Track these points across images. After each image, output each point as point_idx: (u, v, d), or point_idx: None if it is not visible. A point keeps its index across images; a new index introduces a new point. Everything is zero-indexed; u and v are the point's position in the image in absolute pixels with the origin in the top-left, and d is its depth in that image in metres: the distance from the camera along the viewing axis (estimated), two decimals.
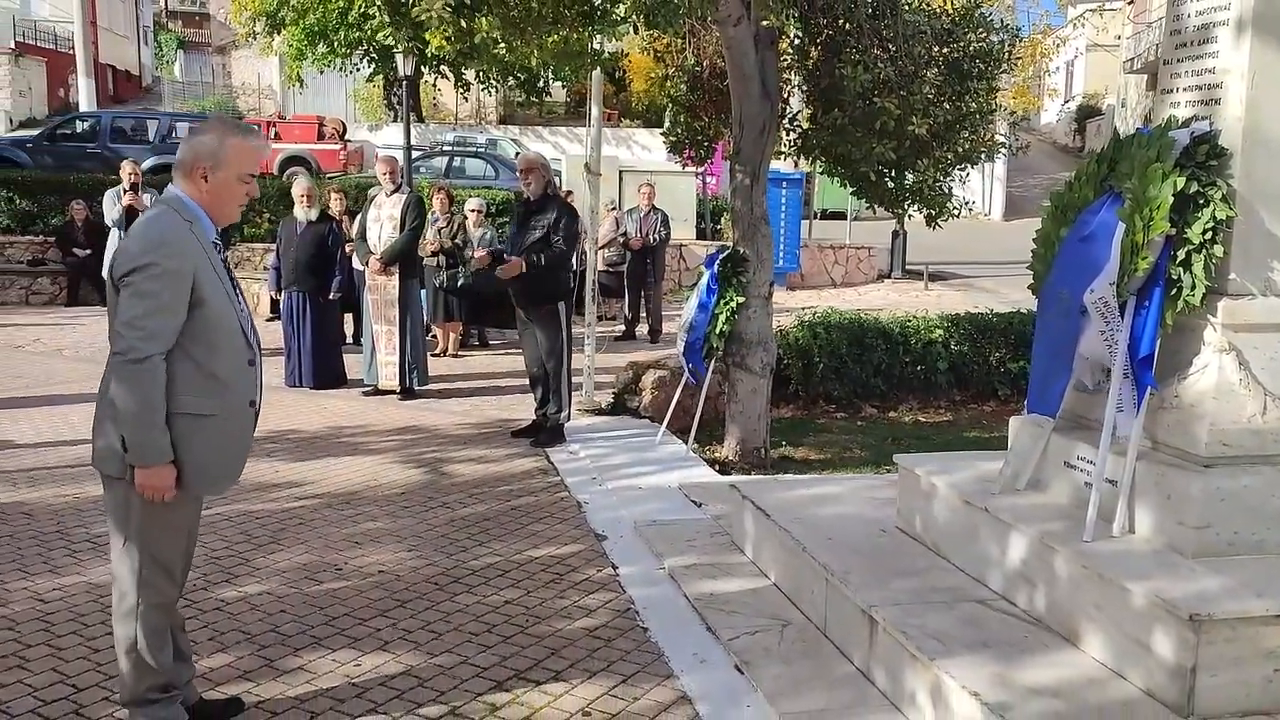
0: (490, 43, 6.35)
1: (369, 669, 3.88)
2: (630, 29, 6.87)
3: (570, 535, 5.47)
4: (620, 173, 17.48)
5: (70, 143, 19.34)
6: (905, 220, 14.24)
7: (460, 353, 11.13)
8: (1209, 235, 3.44)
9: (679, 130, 8.44)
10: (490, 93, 33.63)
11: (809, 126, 7.70)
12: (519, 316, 7.45)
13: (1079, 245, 3.77)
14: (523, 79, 30.57)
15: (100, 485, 3.30)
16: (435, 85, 33.43)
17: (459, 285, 10.79)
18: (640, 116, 32.13)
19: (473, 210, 11.38)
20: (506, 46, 6.58)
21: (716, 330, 7.04)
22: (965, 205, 8.34)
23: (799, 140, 7.87)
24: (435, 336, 10.97)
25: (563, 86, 33.96)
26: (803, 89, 7.87)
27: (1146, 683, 3.12)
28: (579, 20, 6.55)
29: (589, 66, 7.52)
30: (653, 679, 3.86)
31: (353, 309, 10.21)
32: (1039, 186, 30.98)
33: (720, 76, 7.78)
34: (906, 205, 8.20)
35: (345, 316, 10.28)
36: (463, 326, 11.32)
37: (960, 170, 7.98)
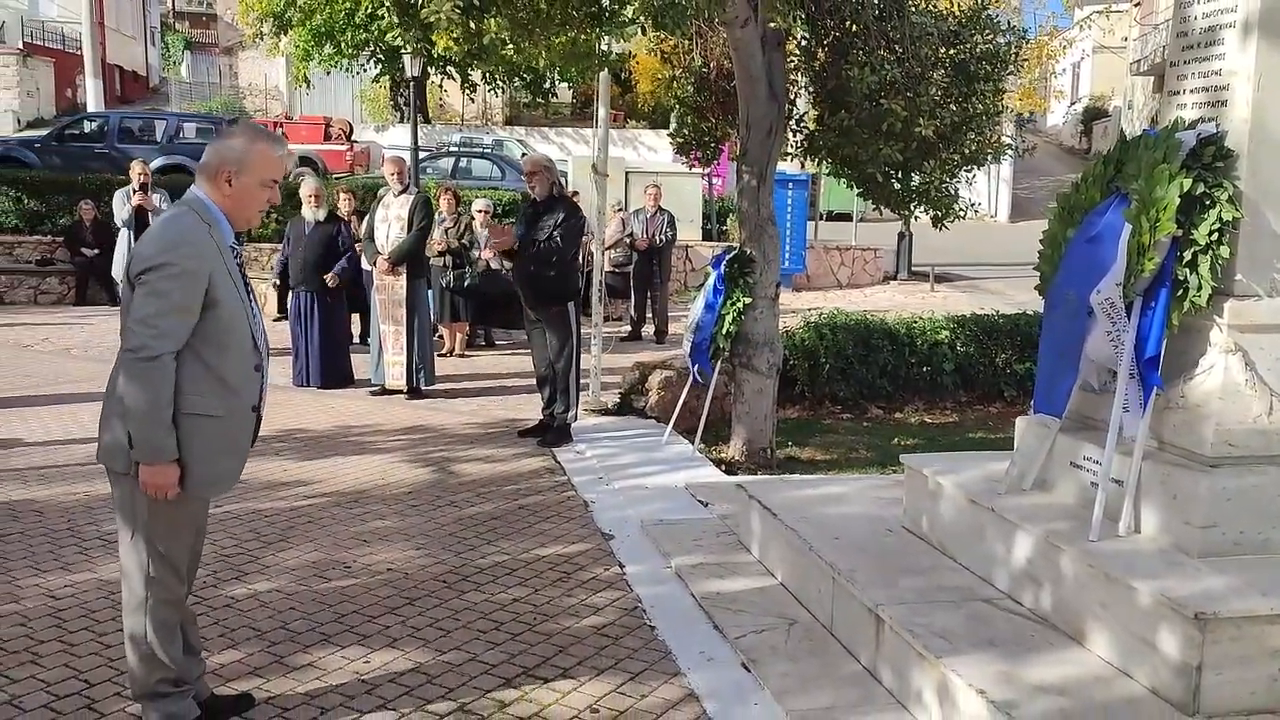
0: (498, 44, 6.37)
1: (378, 665, 3.91)
2: (638, 30, 6.88)
3: (577, 534, 5.49)
4: (626, 174, 17.52)
5: (78, 143, 19.36)
6: (911, 222, 14.24)
7: (467, 353, 11.18)
8: (1215, 236, 3.45)
9: (686, 131, 8.46)
10: (496, 94, 33.66)
11: (816, 128, 7.70)
12: (527, 317, 7.48)
13: (1086, 246, 3.79)
14: (529, 80, 30.68)
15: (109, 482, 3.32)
16: (441, 86, 33.56)
17: (466, 286, 10.86)
18: (646, 117, 32.11)
19: (479, 211, 11.43)
20: (515, 47, 6.60)
21: (723, 331, 7.06)
22: (971, 207, 8.31)
23: (805, 141, 7.87)
24: (442, 337, 11.01)
25: (569, 87, 33.97)
26: (809, 90, 7.87)
27: (1152, 681, 3.13)
28: (587, 21, 6.56)
29: (597, 68, 7.54)
30: (660, 676, 3.88)
31: (360, 309, 10.25)
32: (1045, 188, 30.93)
33: (727, 78, 7.80)
34: (913, 207, 8.18)
35: (353, 316, 10.31)
36: (469, 327, 11.37)
37: (966, 172, 7.96)
